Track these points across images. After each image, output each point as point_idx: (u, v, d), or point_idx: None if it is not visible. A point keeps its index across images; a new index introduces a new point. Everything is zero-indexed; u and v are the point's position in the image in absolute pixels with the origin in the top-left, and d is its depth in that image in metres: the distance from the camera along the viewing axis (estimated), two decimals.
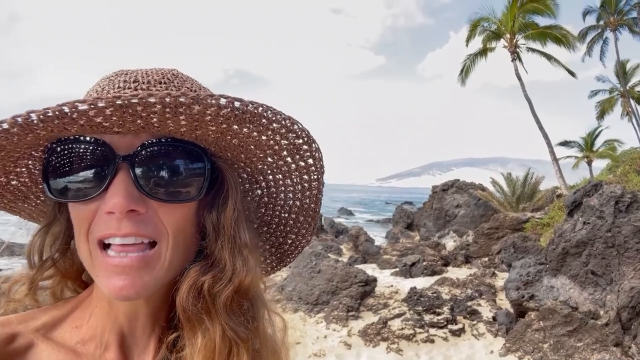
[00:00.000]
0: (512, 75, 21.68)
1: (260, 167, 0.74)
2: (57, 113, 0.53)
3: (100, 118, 0.54)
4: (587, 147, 27.35)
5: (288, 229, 0.85)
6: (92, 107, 0.53)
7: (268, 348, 0.76)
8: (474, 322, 8.32)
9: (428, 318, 8.13)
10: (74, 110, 0.53)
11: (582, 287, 6.59)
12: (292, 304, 9.38)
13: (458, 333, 7.92)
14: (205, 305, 0.67)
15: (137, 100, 0.53)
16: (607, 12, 28.05)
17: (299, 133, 0.66)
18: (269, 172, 0.75)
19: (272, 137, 0.66)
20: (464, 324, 8.19)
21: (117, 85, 0.66)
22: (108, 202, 0.61)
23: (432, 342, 7.68)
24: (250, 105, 0.59)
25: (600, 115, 33.14)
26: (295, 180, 0.76)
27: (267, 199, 0.82)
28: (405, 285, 10.17)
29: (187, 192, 0.66)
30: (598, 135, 27.84)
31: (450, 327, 8.01)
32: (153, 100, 0.54)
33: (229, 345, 0.67)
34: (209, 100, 0.56)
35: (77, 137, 0.61)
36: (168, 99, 0.54)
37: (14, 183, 0.73)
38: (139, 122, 0.57)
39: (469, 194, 21.64)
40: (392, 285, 10.47)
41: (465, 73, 23.21)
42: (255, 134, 0.64)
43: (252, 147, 0.68)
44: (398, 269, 12.36)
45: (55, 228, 0.73)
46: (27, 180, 0.73)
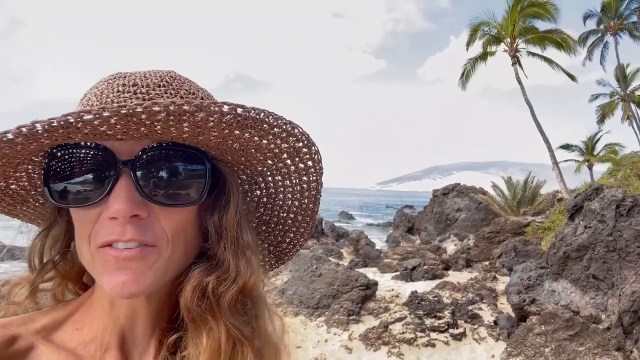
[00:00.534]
0: (512, 79, 21.78)
1: (260, 169, 0.75)
2: (62, 123, 0.53)
3: (105, 127, 0.54)
4: (587, 150, 27.36)
5: (287, 228, 0.86)
6: (97, 116, 0.53)
7: (270, 346, 0.76)
8: (475, 326, 8.30)
9: (429, 322, 8.11)
10: (79, 120, 0.53)
11: (583, 291, 6.56)
12: (292, 308, 9.35)
13: (459, 337, 7.90)
14: (210, 306, 0.67)
15: (141, 109, 0.53)
16: (607, 16, 28.12)
17: (299, 136, 0.67)
18: (269, 173, 0.76)
19: (272, 140, 0.66)
20: (465, 328, 8.17)
21: (115, 89, 0.66)
22: (111, 207, 0.61)
23: (433, 346, 7.65)
24: (253, 112, 0.60)
25: (601, 119, 33.16)
26: (295, 182, 0.77)
27: (266, 200, 0.82)
28: (406, 289, 10.13)
29: (188, 195, 0.66)
30: (599, 139, 27.87)
31: (452, 331, 7.99)
32: (157, 109, 0.54)
33: (234, 345, 0.68)
34: (213, 108, 0.56)
35: (77, 142, 0.61)
36: (172, 107, 0.54)
37: (13, 187, 0.73)
38: (143, 129, 0.57)
39: (470, 198, 21.64)
40: (392, 289, 10.44)
41: (466, 77, 23.27)
42: (257, 138, 0.65)
43: (252, 150, 0.68)
44: (399, 273, 12.32)
45: (55, 230, 0.74)
46: (26, 185, 0.73)
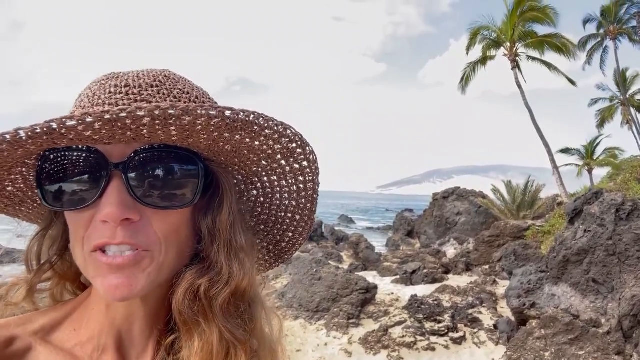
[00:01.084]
0: (512, 83, 21.76)
1: (255, 169, 0.75)
2: (45, 129, 0.53)
3: (90, 132, 0.54)
4: (587, 155, 27.35)
5: (285, 228, 0.86)
6: (80, 122, 0.52)
7: (266, 347, 0.76)
8: (475, 330, 8.28)
9: (429, 326, 8.09)
10: (62, 126, 0.53)
11: (583, 295, 6.55)
12: (292, 311, 9.34)
13: (459, 341, 7.88)
14: (202, 308, 0.67)
15: (125, 115, 0.53)
16: (607, 20, 28.19)
17: (292, 137, 0.67)
18: (264, 174, 0.76)
19: (265, 142, 0.66)
20: (465, 332, 8.15)
21: (107, 90, 0.65)
22: (102, 210, 0.60)
23: (433, 350, 7.64)
24: (242, 114, 0.59)
25: (601, 124, 33.18)
26: (291, 182, 0.77)
27: (263, 199, 0.82)
28: (406, 293, 10.12)
29: (181, 198, 0.66)
30: (599, 144, 27.87)
31: (451, 335, 7.98)
32: (141, 114, 0.53)
33: (227, 347, 0.67)
34: (199, 111, 0.56)
35: (69, 145, 0.61)
36: (157, 112, 0.54)
37: (10, 189, 0.73)
38: (129, 134, 0.56)
39: (470, 202, 21.61)
40: (392, 293, 10.42)
41: (466, 81, 23.30)
42: (248, 140, 0.64)
43: (245, 152, 0.68)
44: (399, 277, 12.29)
45: (53, 231, 0.74)
46: (22, 186, 0.73)
